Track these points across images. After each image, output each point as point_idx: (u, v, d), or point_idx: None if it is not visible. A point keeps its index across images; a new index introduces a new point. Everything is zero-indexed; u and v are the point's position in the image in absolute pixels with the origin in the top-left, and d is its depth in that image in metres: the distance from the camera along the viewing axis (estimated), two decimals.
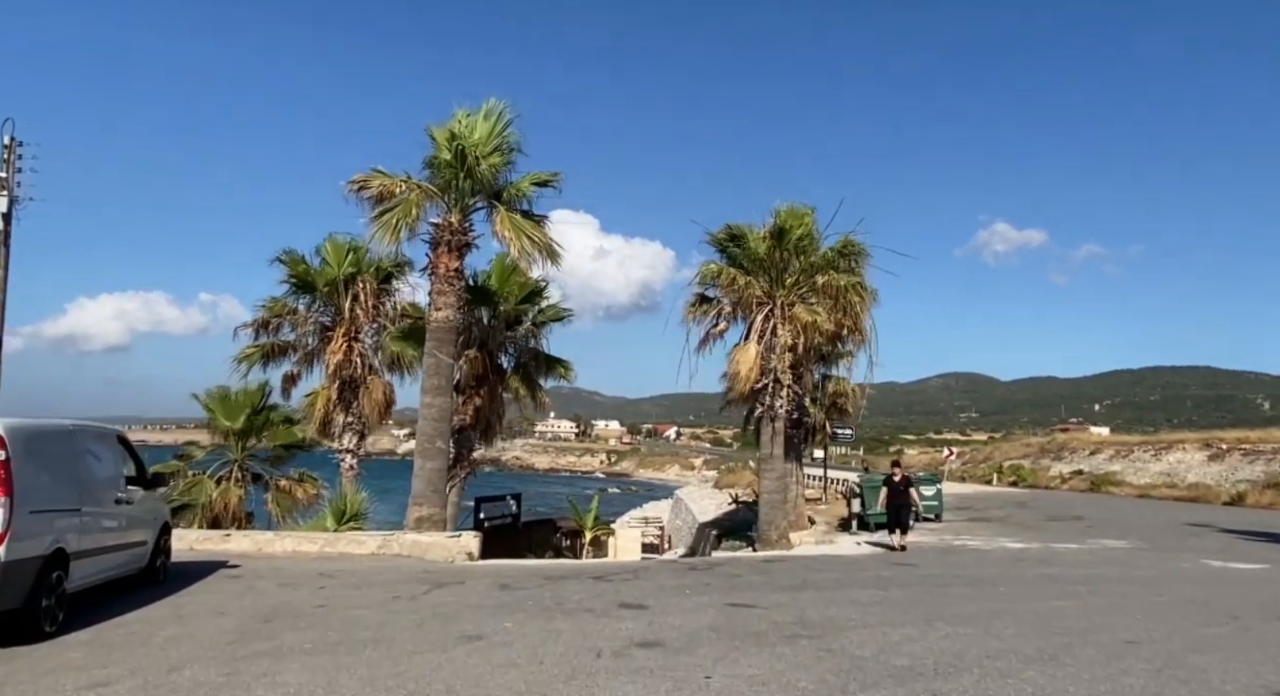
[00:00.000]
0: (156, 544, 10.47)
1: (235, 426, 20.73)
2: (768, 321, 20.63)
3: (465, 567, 13.00)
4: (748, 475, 64.36)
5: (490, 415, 19.85)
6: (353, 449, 19.51)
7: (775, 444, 20.78)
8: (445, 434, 14.87)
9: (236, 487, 20.14)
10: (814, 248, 21.26)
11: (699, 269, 20.76)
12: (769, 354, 20.58)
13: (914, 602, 9.92)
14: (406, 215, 14.35)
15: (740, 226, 20.78)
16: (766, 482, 20.78)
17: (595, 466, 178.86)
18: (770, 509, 20.54)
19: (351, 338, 19.28)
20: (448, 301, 14.85)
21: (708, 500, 53.72)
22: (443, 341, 14.87)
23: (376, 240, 14.38)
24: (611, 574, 12.47)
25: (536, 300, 20.43)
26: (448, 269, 14.81)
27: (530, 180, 15.76)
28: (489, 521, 28.52)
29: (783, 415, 20.91)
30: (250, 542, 14.00)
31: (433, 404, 14.72)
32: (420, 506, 14.49)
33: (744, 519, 34.72)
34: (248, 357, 19.48)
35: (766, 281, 20.71)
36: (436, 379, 14.76)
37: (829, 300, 20.57)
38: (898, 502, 16.60)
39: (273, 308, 19.78)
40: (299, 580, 11.20)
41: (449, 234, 14.84)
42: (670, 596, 10.14)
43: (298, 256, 19.28)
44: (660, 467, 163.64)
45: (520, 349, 20.68)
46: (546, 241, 15.12)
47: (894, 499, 16.63)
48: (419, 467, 14.76)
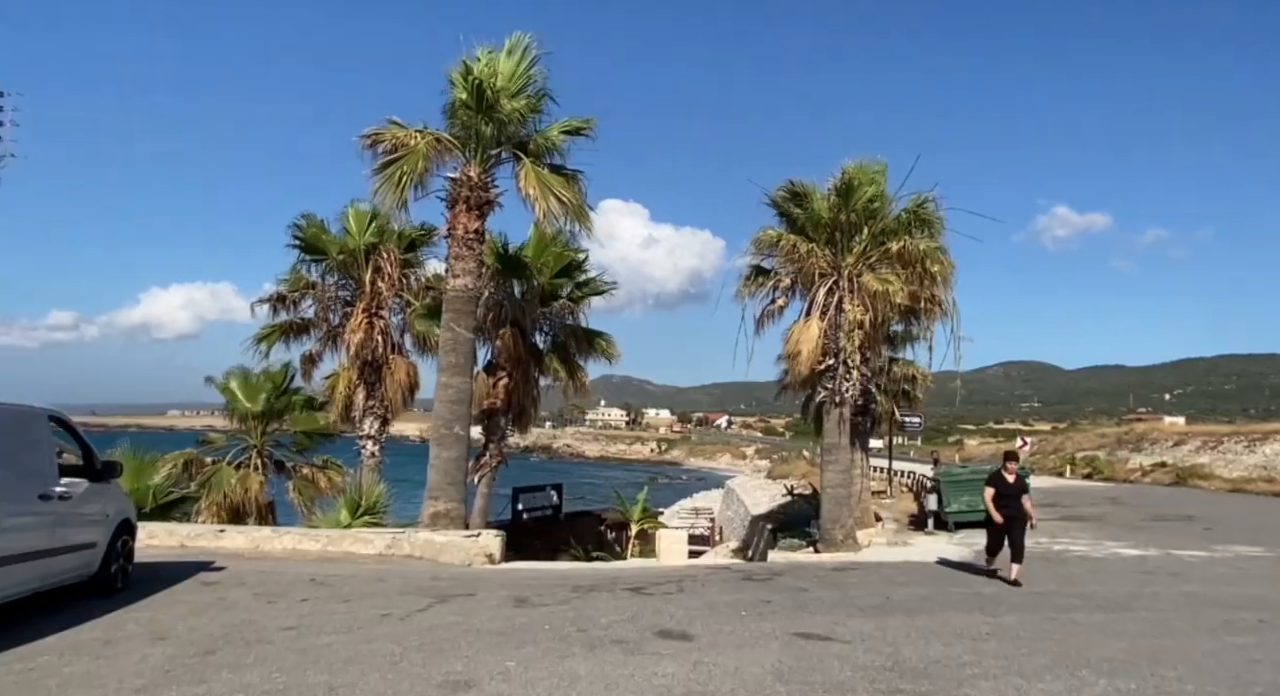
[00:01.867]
0: (112, 546, 8.82)
1: (255, 410, 19.31)
2: (832, 294, 18.33)
3: (481, 573, 11.17)
4: (802, 465, 61.96)
5: (523, 398, 18.02)
6: (374, 435, 17.88)
7: (840, 433, 18.51)
8: (464, 418, 13.07)
9: (256, 475, 18.71)
10: (885, 210, 18.84)
11: (754, 236, 18.52)
12: (833, 331, 18.30)
13: (1037, 635, 7.71)
14: (413, 166, 12.49)
15: (803, 184, 18.49)
16: (830, 475, 18.54)
17: (645, 455, 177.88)
18: (834, 505, 18.31)
19: (373, 314, 17.61)
20: (466, 267, 12.99)
21: (761, 491, 51.48)
22: (461, 313, 13.03)
23: (379, 196, 12.57)
24: (651, 584, 10.49)
25: (575, 273, 18.47)
26: (466, 230, 12.95)
27: (560, 129, 13.76)
28: (528, 512, 26.84)
29: (849, 401, 18.62)
30: (246, 540, 12.40)
31: (449, 384, 12.92)
32: (436, 501, 12.73)
33: (800, 512, 32.48)
34: (266, 337, 17.94)
35: (831, 248, 18.40)
36: (454, 356, 12.94)
37: (903, 269, 18.17)
38: (1010, 512, 11.03)
39: (292, 281, 18.21)
40: (283, 588, 9.48)
41: (467, 189, 12.96)
42: (722, 620, 8.11)
43: (315, 221, 17.64)
44: (711, 456, 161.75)
45: (557, 326, 18.76)
46: (577, 202, 13.12)
47: (1004, 506, 11.11)
48: (434, 457, 12.99)
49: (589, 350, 18.78)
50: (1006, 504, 11.14)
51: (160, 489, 14.25)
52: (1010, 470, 11.46)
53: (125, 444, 15.33)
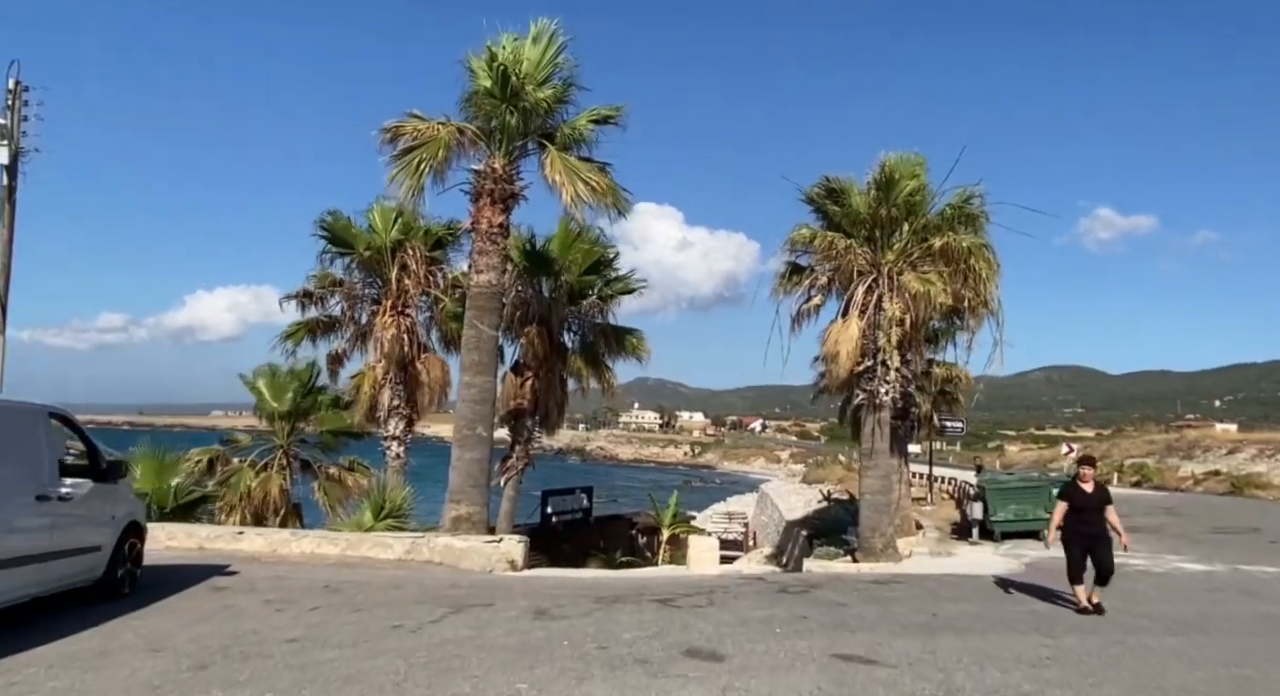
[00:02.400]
0: (119, 549, 8.49)
1: (281, 408, 19.08)
2: (871, 293, 17.56)
3: (502, 581, 10.69)
4: (838, 470, 60.77)
5: (551, 398, 17.55)
6: (399, 436, 17.53)
7: (879, 437, 17.73)
8: (488, 419, 12.62)
9: (278, 476, 18.46)
10: (925, 206, 18.05)
11: (789, 234, 17.83)
12: (872, 331, 17.55)
13: (1107, 662, 7.00)
14: (433, 153, 12.06)
15: (840, 179, 17.74)
16: (869, 481, 17.77)
17: (679, 458, 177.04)
18: (873, 512, 17.54)
19: (400, 311, 17.26)
20: (490, 263, 12.54)
21: (795, 496, 50.52)
22: (484, 310, 12.59)
23: (397, 184, 12.17)
24: (680, 596, 9.92)
25: (604, 270, 17.94)
26: (490, 224, 12.50)
27: (588, 117, 13.25)
28: (557, 516, 26.37)
29: (888, 404, 17.84)
30: (264, 542, 12.07)
31: (472, 383, 12.48)
32: (458, 504, 12.28)
33: (837, 518, 31.59)
34: (293, 335, 17.68)
35: (870, 245, 17.65)
36: (477, 354, 12.50)
37: (945, 267, 17.37)
38: (1091, 530, 9.39)
39: (320, 278, 17.95)
40: (294, 595, 9.09)
41: (491, 182, 12.52)
42: (755, 637, 7.52)
43: (342, 216, 17.39)
44: (745, 460, 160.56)
45: (585, 325, 18.26)
46: (608, 186, 12.58)
47: (1084, 523, 9.43)
48: (456, 459, 12.55)
49: (619, 349, 18.25)
50: (1086, 520, 9.40)
51: (182, 488, 14.03)
52: (1087, 478, 9.80)
53: (145, 442, 15.15)
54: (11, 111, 13.14)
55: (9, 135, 12.96)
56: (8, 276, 13.49)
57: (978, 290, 17.64)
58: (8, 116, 13.07)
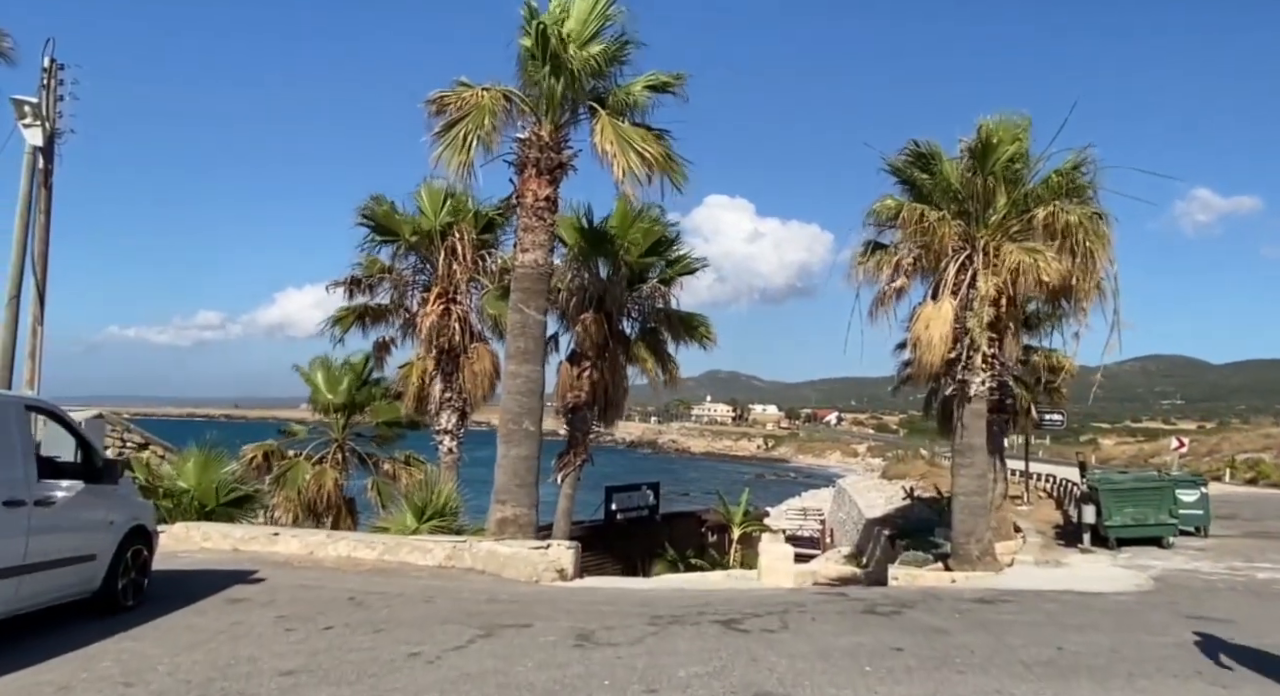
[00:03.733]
0: (119, 558, 7.62)
1: (336, 400, 18.45)
2: (964, 271, 15.79)
3: (547, 593, 9.52)
4: (920, 465, 57.95)
5: (611, 389, 16.36)
6: (451, 429, 16.61)
7: (974, 431, 15.95)
8: (535, 412, 11.49)
9: (333, 470, 17.80)
10: (1027, 174, 16.15)
11: (870, 206, 16.15)
12: (965, 314, 15.77)
13: None
14: (479, 123, 10.95)
15: (929, 144, 15.99)
16: (963, 481, 16.01)
17: (752, 451, 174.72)
18: (968, 515, 15.78)
19: (450, 299, 16.32)
20: (537, 240, 11.40)
21: (875, 492, 48.29)
22: (530, 292, 11.45)
23: (444, 161, 11.09)
24: (748, 615, 8.57)
25: (665, 251, 16.62)
26: (536, 198, 11.35)
27: (645, 83, 11.94)
28: (622, 513, 25.31)
29: (983, 394, 16.03)
30: (299, 545, 11.22)
31: (518, 373, 11.37)
32: (503, 505, 11.21)
33: (921, 518, 29.60)
34: (341, 320, 16.95)
35: (963, 218, 15.85)
36: (523, 341, 11.38)
37: (1051, 241, 15.46)
38: None
39: (367, 265, 17.19)
40: (314, 609, 8.10)
41: (537, 151, 11.36)
42: (839, 679, 6.12)
43: (385, 202, 16.53)
44: (820, 454, 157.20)
45: (646, 310, 16.99)
46: (665, 157, 11.25)
47: None
48: (502, 455, 11.48)
49: (683, 336, 16.93)
50: None
51: (224, 485, 13.36)
52: None
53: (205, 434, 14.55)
54: (46, 91, 12.66)
55: (43, 115, 12.47)
56: (45, 265, 13.05)
57: (1088, 268, 15.65)
58: (42, 96, 12.60)
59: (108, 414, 17.88)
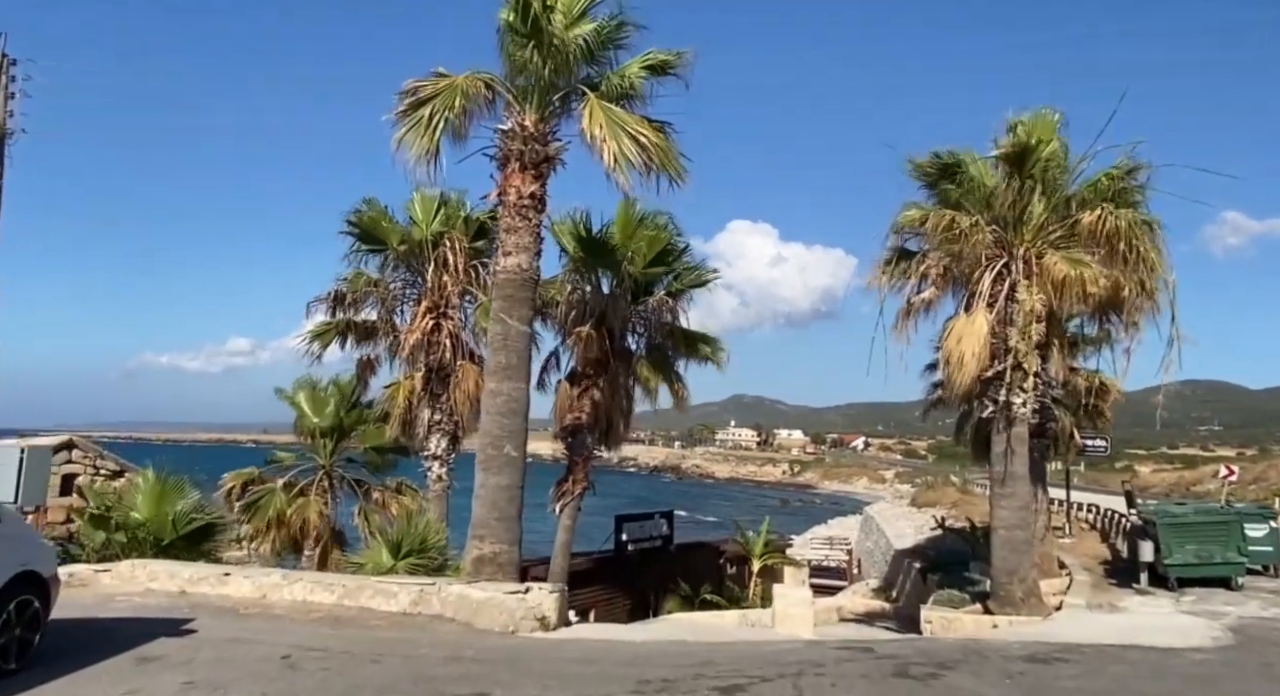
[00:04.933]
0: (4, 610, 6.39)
1: (322, 425, 17.24)
2: (1001, 281, 14.35)
3: (523, 648, 8.14)
4: (951, 492, 55.79)
5: (613, 410, 15.04)
6: (441, 454, 15.34)
7: (1015, 458, 14.41)
8: (518, 435, 10.20)
9: (317, 500, 16.57)
10: (1065, 177, 14.76)
11: (896, 215, 14.81)
12: (1003, 328, 14.31)
13: None
14: (449, 106, 9.78)
15: (955, 151, 14.66)
16: (1003, 513, 14.45)
17: (777, 476, 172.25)
18: (1010, 552, 14.20)
19: (440, 313, 15.14)
20: (521, 242, 10.18)
21: (904, 521, 46.33)
22: (514, 300, 10.21)
23: (406, 145, 9.92)
24: (755, 680, 7.15)
25: (672, 261, 15.34)
26: (520, 195, 10.15)
27: (641, 64, 10.71)
28: (634, 544, 23.79)
29: (1025, 417, 14.51)
30: (251, 587, 9.95)
31: (499, 391, 10.10)
32: (480, 541, 9.89)
33: (954, 550, 27.76)
34: (321, 335, 15.74)
35: (998, 224, 14.45)
36: (504, 355, 10.12)
37: (1096, 249, 14.01)
38: None
39: (353, 279, 16.07)
40: (236, 672, 6.80)
41: (520, 143, 10.18)
42: None
43: (377, 206, 15.41)
44: (847, 479, 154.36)
45: (652, 326, 15.69)
46: (662, 145, 9.98)
47: None
48: (479, 485, 10.17)
49: (691, 354, 15.60)
50: None
51: (182, 516, 12.15)
52: None
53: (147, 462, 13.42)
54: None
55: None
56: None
57: (1142, 278, 14.16)
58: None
59: (81, 440, 16.85)
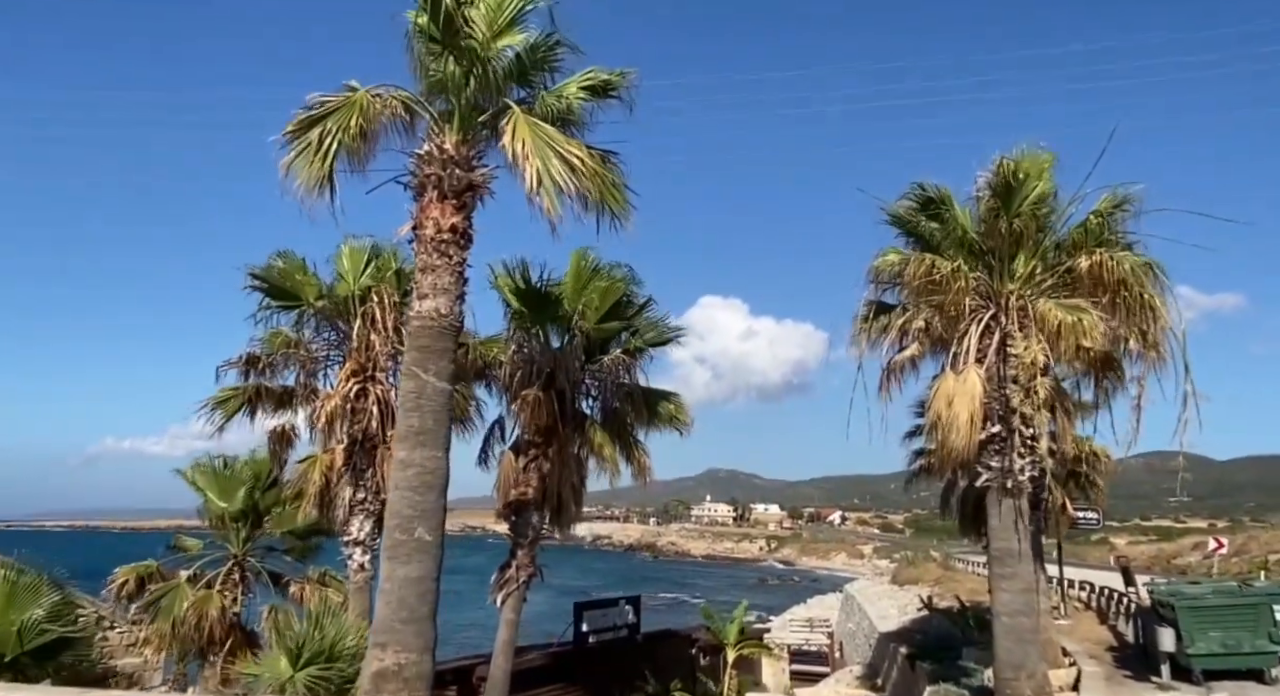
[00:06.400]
0: None
1: (231, 508, 15.22)
2: (990, 334, 13.01)
3: None
4: (933, 569, 53.71)
5: (562, 484, 13.23)
6: (364, 540, 13.35)
7: (1015, 533, 12.79)
8: (433, 515, 8.35)
9: (219, 596, 14.40)
10: (1054, 219, 13.64)
11: (872, 261, 13.51)
12: (996, 387, 12.89)
13: None
14: (344, 126, 8.30)
15: (938, 189, 13.51)
16: (1005, 596, 12.71)
17: (754, 553, 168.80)
18: (1015, 642, 12.41)
19: (368, 376, 13.40)
20: (440, 283, 8.57)
21: (887, 600, 44.13)
22: (430, 352, 8.54)
23: (294, 172, 8.34)
24: None
25: (630, 315, 13.82)
26: (439, 228, 8.62)
27: (579, 84, 9.34)
28: (595, 635, 21.56)
29: (1026, 486, 12.96)
30: None
31: (410, 460, 8.32)
32: (383, 650, 7.94)
33: (941, 632, 25.76)
34: (224, 403, 13.82)
35: (985, 271, 13.20)
36: (418, 416, 8.39)
37: (1094, 297, 12.78)
38: None
39: (269, 340, 14.30)
40: None
41: (439, 168, 8.69)
42: None
43: (294, 261, 13.72)
44: (825, 555, 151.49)
45: (608, 388, 14.05)
46: (599, 171, 8.51)
47: None
48: (385, 578, 8.27)
49: (653, 419, 13.94)
50: None
51: (30, 626, 9.98)
52: None
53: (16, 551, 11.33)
54: None
55: None
56: None
57: (1145, 329, 12.89)
58: None
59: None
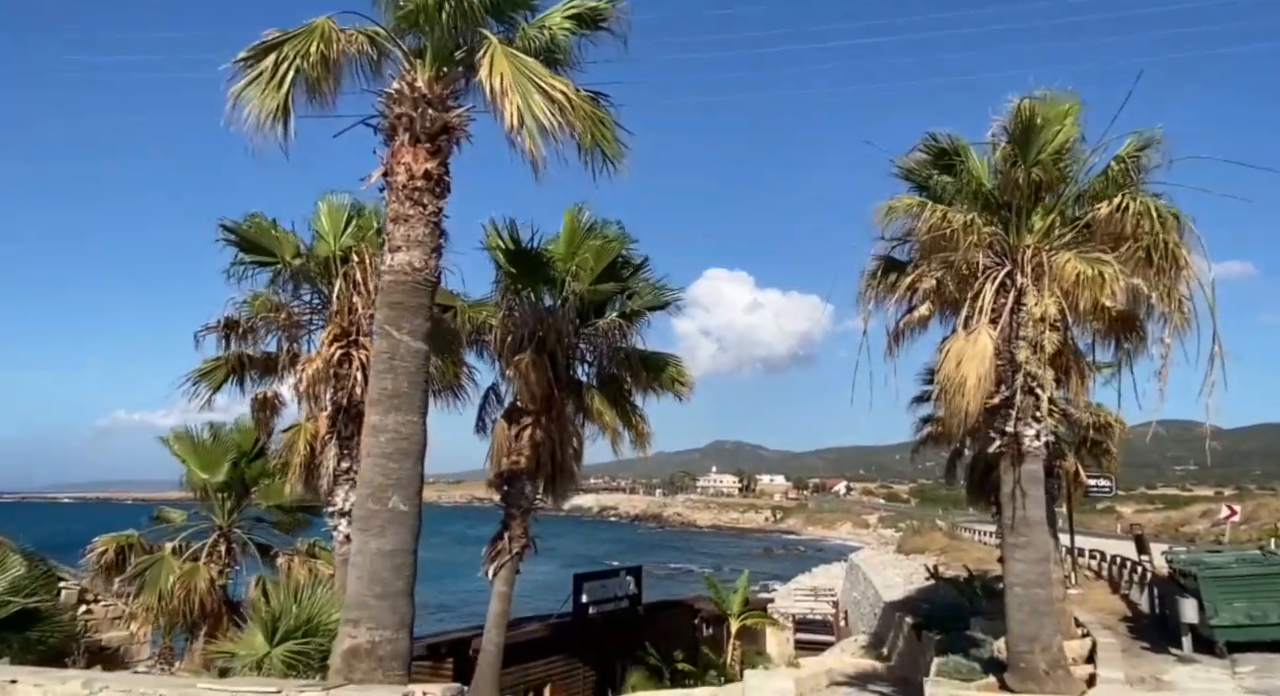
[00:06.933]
0: None
1: (215, 480, 14.74)
2: (1005, 291, 12.30)
3: None
4: (939, 537, 53.42)
5: (559, 452, 12.67)
6: (350, 511, 12.84)
7: (1029, 501, 12.18)
8: (408, 484, 7.77)
9: (205, 568, 13.98)
10: (1076, 168, 12.83)
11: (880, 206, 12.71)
12: (1009, 348, 12.22)
13: None
14: (302, 53, 7.58)
15: (952, 138, 12.74)
16: (1018, 565, 12.14)
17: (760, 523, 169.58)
18: (1029, 614, 11.85)
19: (351, 341, 12.81)
20: (414, 235, 7.92)
21: (892, 569, 43.82)
22: (403, 309, 7.91)
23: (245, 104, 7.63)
24: None
25: (626, 277, 13.14)
26: (411, 174, 7.94)
27: (564, 13, 8.56)
28: (595, 606, 21.19)
29: (1038, 451, 12.33)
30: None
31: (383, 426, 7.72)
32: (355, 627, 7.42)
33: (948, 602, 25.31)
34: (208, 374, 13.28)
35: (1000, 225, 12.46)
36: (391, 378, 7.79)
37: (1115, 249, 12.04)
38: None
39: (253, 303, 13.69)
40: None
41: (410, 108, 7.99)
42: None
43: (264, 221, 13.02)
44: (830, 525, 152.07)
45: (604, 352, 13.42)
46: (586, 109, 7.80)
47: None
48: (356, 550, 7.73)
49: (652, 383, 13.31)
50: None
51: None
52: None
53: None
54: None
55: None
56: None
57: (1169, 283, 12.17)
58: None
59: None
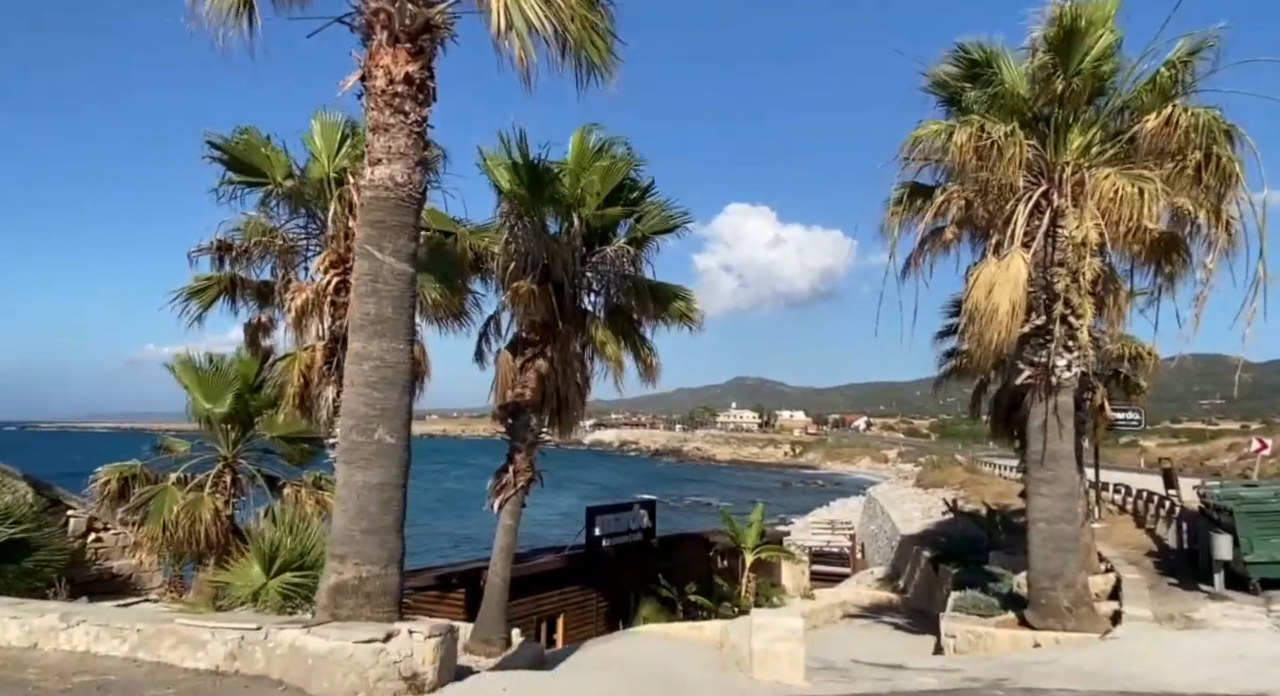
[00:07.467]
0: None
1: (219, 410, 14.46)
2: (1040, 214, 11.49)
3: None
4: (958, 472, 53.11)
5: (564, 384, 12.21)
6: None
7: (1059, 434, 11.62)
8: (395, 415, 7.34)
9: (211, 498, 13.83)
10: (1116, 78, 11.82)
11: (912, 132, 11.84)
12: (1043, 274, 11.48)
13: None
14: None
15: (985, 47, 11.75)
16: (1043, 501, 11.65)
17: (779, 458, 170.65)
18: (1053, 549, 11.41)
19: (347, 268, 12.27)
20: (395, 146, 7.29)
21: (910, 502, 43.72)
22: (386, 228, 7.34)
23: None
24: None
25: (633, 201, 12.42)
26: (391, 78, 7.27)
27: None
28: (609, 539, 21.10)
29: (1071, 383, 11.70)
30: (20, 631, 7.16)
31: (367, 352, 7.25)
32: (341, 562, 7.11)
33: (968, 536, 25.09)
34: (200, 293, 12.76)
35: (1036, 138, 11.55)
36: (374, 302, 7.26)
37: (1160, 165, 11.15)
38: None
39: (247, 227, 13.15)
40: None
41: (389, 2, 7.28)
42: None
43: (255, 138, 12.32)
44: (849, 460, 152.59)
45: (609, 281, 12.82)
46: (578, 10, 7.02)
47: None
48: (342, 483, 7.36)
49: (660, 313, 12.74)
50: None
51: None
52: None
53: None
54: None
55: None
56: None
57: (1216, 201, 11.30)
58: None
59: None
